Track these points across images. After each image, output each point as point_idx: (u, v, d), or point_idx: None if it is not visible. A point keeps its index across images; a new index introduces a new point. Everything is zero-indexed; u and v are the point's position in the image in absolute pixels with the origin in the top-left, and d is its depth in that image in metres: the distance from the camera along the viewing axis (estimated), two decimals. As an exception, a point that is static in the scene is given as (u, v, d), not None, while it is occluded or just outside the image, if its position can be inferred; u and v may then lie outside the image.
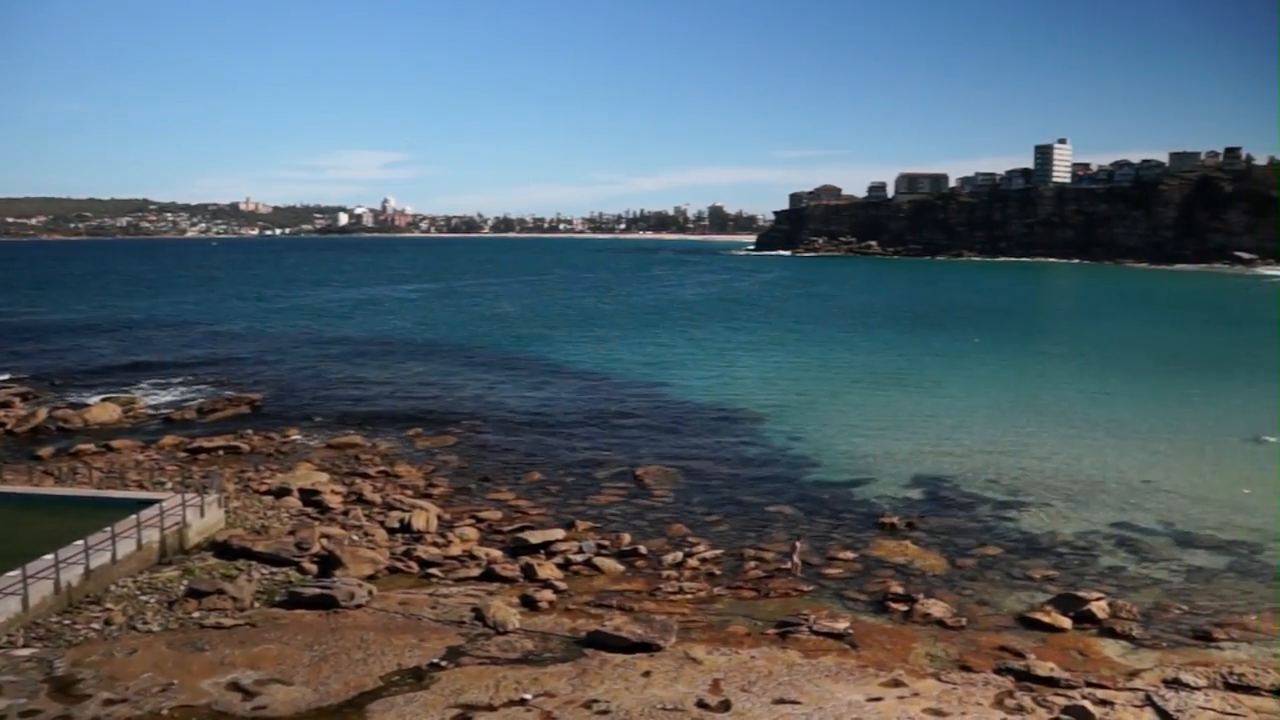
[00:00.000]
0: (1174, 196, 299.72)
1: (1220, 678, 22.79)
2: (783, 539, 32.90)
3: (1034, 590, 28.77)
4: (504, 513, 35.88)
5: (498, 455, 45.07)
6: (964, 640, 25.09)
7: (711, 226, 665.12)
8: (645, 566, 30.35)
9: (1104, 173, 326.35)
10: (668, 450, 46.02)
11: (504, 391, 62.24)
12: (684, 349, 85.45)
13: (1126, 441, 48.93)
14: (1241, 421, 53.24)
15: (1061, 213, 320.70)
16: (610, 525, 34.49)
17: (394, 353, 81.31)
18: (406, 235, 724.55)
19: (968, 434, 50.12)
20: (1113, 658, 24.53)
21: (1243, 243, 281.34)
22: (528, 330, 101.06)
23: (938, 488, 40.04)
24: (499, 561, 30.07)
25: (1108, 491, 39.64)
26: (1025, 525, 35.22)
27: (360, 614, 25.44)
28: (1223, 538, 33.91)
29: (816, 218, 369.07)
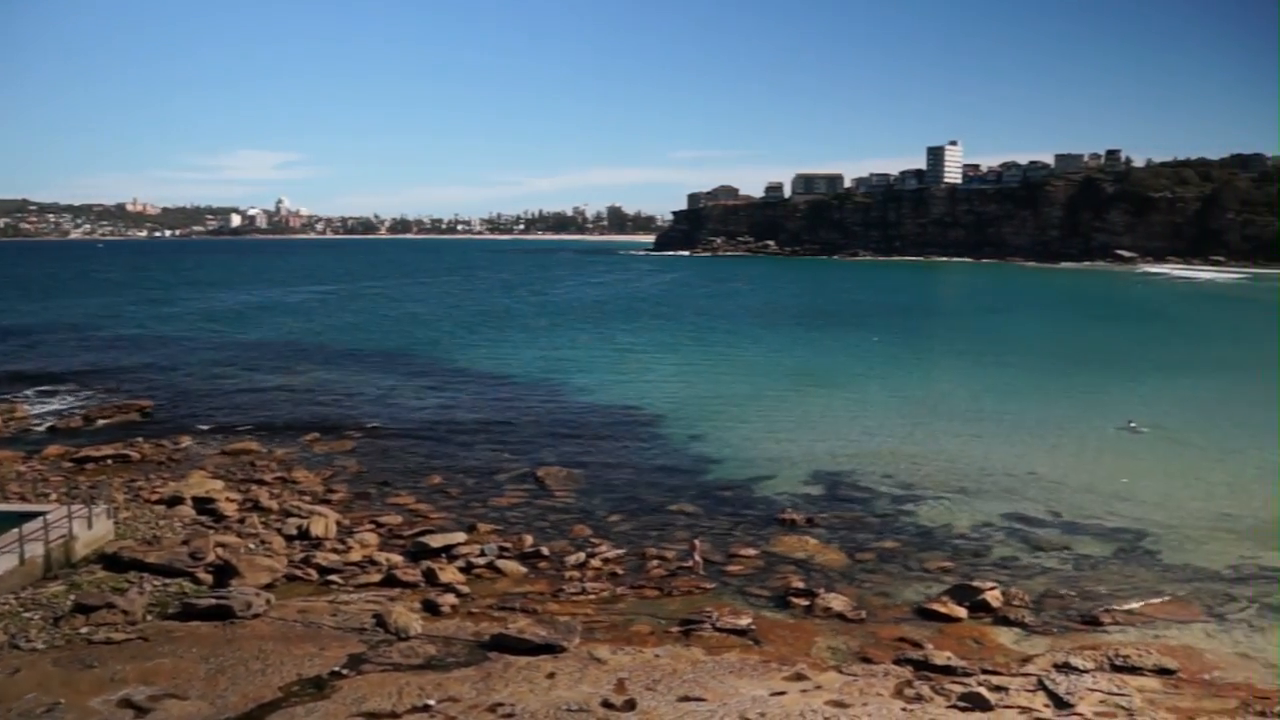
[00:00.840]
0: (1059, 197, 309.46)
1: (1107, 660, 23.65)
2: (685, 538, 33.09)
3: (931, 582, 29.43)
4: (404, 517, 35.44)
5: (397, 459, 44.52)
6: (864, 633, 25.55)
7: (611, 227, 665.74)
8: (548, 568, 30.28)
9: (993, 174, 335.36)
10: (569, 451, 45.98)
11: (403, 395, 61.52)
12: (585, 350, 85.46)
13: (1015, 435, 50.38)
14: (1118, 412, 55.32)
15: (953, 212, 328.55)
16: (512, 527, 34.32)
17: (290, 357, 79.75)
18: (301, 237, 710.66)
19: (865, 430, 51.03)
20: (1006, 645, 25.23)
21: (1123, 242, 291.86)
22: (427, 333, 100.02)
23: (836, 483, 40.68)
24: (400, 566, 29.71)
25: (999, 484, 40.75)
26: (921, 519, 36.00)
27: (258, 624, 24.90)
28: (1107, 526, 35.12)
29: (715, 218, 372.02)
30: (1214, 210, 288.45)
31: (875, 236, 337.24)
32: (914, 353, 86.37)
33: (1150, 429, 51.51)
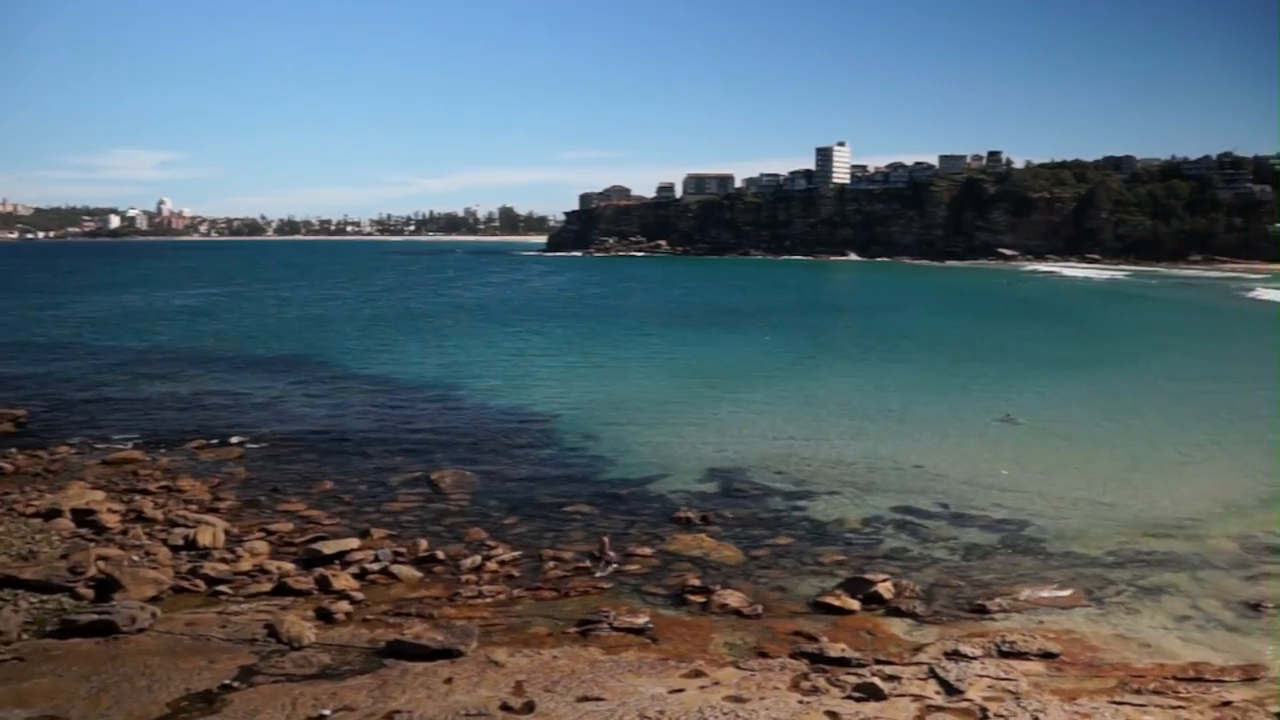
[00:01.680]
0: (944, 197, 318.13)
1: (994, 646, 24.38)
2: (581, 538, 33.11)
3: (825, 576, 29.91)
4: (296, 524, 34.71)
5: (288, 465, 43.59)
6: (760, 627, 25.86)
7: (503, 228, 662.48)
8: (444, 572, 29.98)
9: (880, 174, 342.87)
10: (463, 454, 45.60)
11: (293, 399, 60.29)
12: (479, 352, 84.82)
13: (903, 430, 51.53)
14: (1000, 406, 57.06)
15: (842, 212, 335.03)
16: (407, 532, 33.88)
17: (176, 362, 77.46)
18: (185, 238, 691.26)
19: (758, 428, 51.64)
20: (899, 635, 25.79)
21: (1004, 240, 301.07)
22: (317, 336, 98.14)
23: (731, 481, 41.08)
24: (292, 575, 29.10)
25: (888, 478, 41.59)
26: (815, 514, 36.56)
27: (143, 638, 24.16)
28: (993, 517, 36.12)
29: (607, 218, 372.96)
30: (1089, 210, 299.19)
31: (766, 236, 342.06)
32: (805, 351, 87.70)
33: (1029, 422, 53.22)
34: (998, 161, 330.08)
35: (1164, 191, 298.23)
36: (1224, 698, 22.14)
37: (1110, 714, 20.91)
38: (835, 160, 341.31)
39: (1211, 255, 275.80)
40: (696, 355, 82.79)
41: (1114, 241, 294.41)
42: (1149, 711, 21.15)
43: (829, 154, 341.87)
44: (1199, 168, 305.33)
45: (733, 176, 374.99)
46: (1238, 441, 49.79)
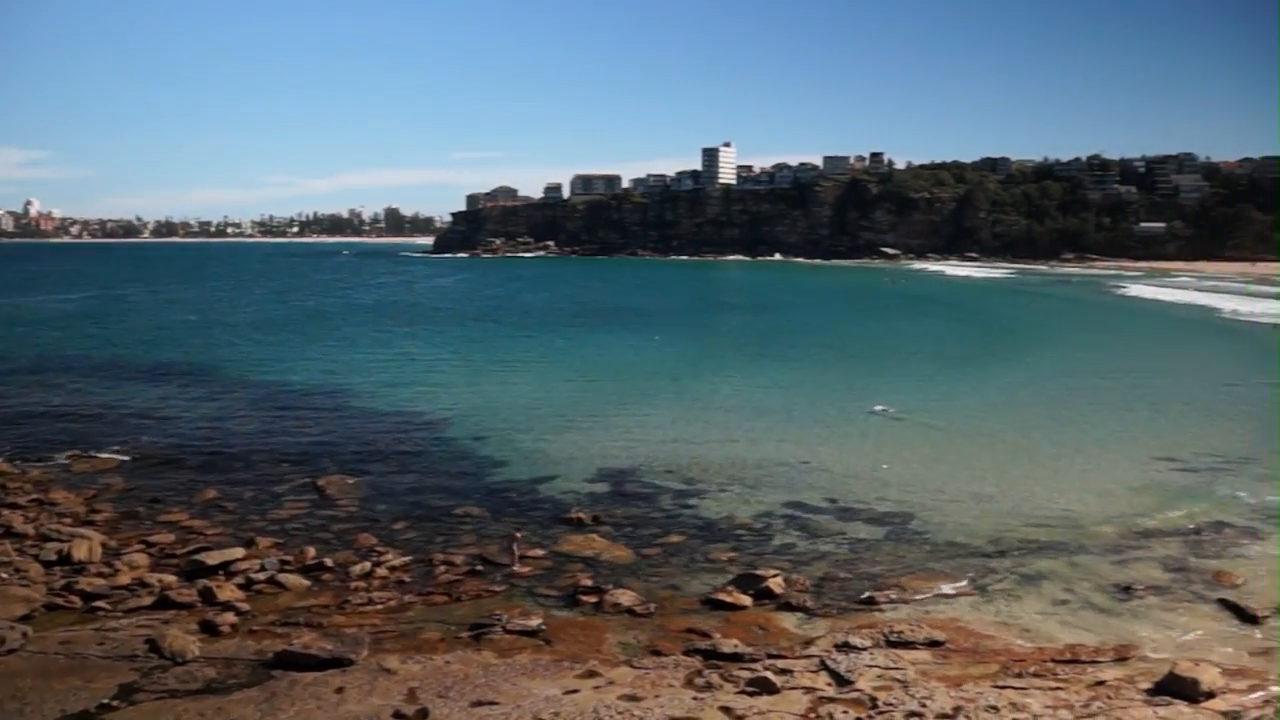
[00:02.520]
0: (828, 197, 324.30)
1: (882, 637, 24.95)
2: (471, 542, 32.87)
3: (716, 572, 30.17)
4: (177, 535, 33.70)
5: (168, 474, 42.26)
6: (653, 626, 25.99)
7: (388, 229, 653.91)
8: (333, 580, 29.43)
9: (766, 174, 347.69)
10: (351, 458, 44.84)
11: (174, 407, 58.48)
12: (365, 355, 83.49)
13: (789, 426, 52.31)
14: (879, 400, 58.53)
15: (728, 212, 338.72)
16: (294, 540, 33.17)
17: (47, 370, 74.38)
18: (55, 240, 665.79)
19: (647, 427, 51.84)
20: (790, 629, 26.17)
21: (887, 239, 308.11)
22: (196, 340, 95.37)
23: (621, 481, 41.17)
24: (174, 587, 28.24)
25: (776, 474, 42.15)
26: (704, 512, 36.86)
27: (13, 660, 23.18)
28: (878, 510, 36.90)
29: (494, 219, 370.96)
30: (968, 210, 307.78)
31: (653, 236, 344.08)
32: (693, 350, 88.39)
33: (911, 416, 54.61)
34: (880, 162, 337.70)
35: (1038, 192, 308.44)
36: (1098, 677, 23.03)
37: (993, 697, 21.53)
38: (721, 161, 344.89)
39: (1083, 253, 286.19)
40: (586, 356, 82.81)
41: (992, 240, 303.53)
42: (1029, 693, 21.85)
43: (715, 154, 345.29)
44: (1070, 169, 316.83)
45: (620, 177, 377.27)
46: (1111, 432, 51.76)
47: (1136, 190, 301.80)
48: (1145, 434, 50.98)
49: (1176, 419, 55.25)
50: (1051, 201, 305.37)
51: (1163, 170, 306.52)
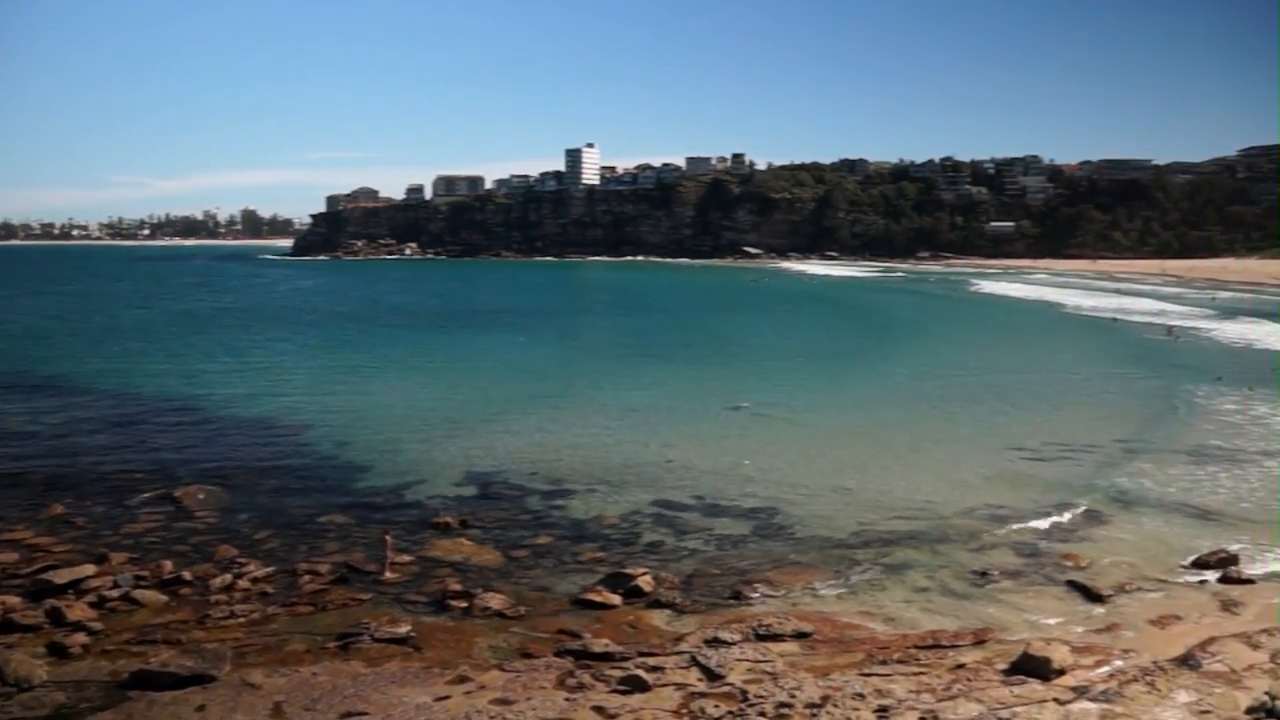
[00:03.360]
0: (691, 198, 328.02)
1: (751, 631, 25.33)
2: (336, 549, 32.22)
3: (585, 573, 30.21)
4: (21, 554, 32.03)
5: (10, 490, 40.17)
6: (524, 628, 25.88)
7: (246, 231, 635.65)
8: (192, 594, 28.46)
9: (629, 175, 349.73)
10: (209, 468, 43.41)
11: (15, 419, 55.59)
12: (222, 361, 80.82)
13: (653, 424, 52.66)
14: (736, 396, 59.67)
15: (592, 213, 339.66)
16: (149, 554, 31.95)
17: None
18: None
19: (514, 429, 51.55)
20: (660, 626, 26.37)
21: (749, 239, 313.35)
22: (39, 350, 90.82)
23: (488, 483, 40.86)
24: (18, 609, 26.87)
25: (642, 473, 42.40)
26: (573, 512, 36.86)
27: None
28: (744, 506, 37.45)
29: (355, 220, 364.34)
30: (827, 210, 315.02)
31: (517, 237, 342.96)
32: (558, 351, 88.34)
33: (769, 410, 55.74)
34: (741, 163, 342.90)
35: (894, 193, 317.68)
36: (959, 660, 23.87)
37: (859, 685, 22.10)
38: (585, 161, 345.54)
39: (937, 251, 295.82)
40: (451, 359, 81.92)
41: (851, 239, 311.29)
42: (894, 680, 22.51)
43: (578, 155, 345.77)
44: (925, 170, 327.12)
45: (483, 178, 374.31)
46: (965, 425, 53.61)
47: (987, 191, 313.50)
48: (997, 426, 52.97)
49: (1025, 410, 57.53)
50: (907, 202, 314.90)
51: (1010, 172, 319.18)
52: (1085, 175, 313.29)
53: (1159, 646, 24.78)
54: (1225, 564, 30.65)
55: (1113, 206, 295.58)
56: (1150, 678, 22.60)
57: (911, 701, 21.37)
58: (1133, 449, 47.12)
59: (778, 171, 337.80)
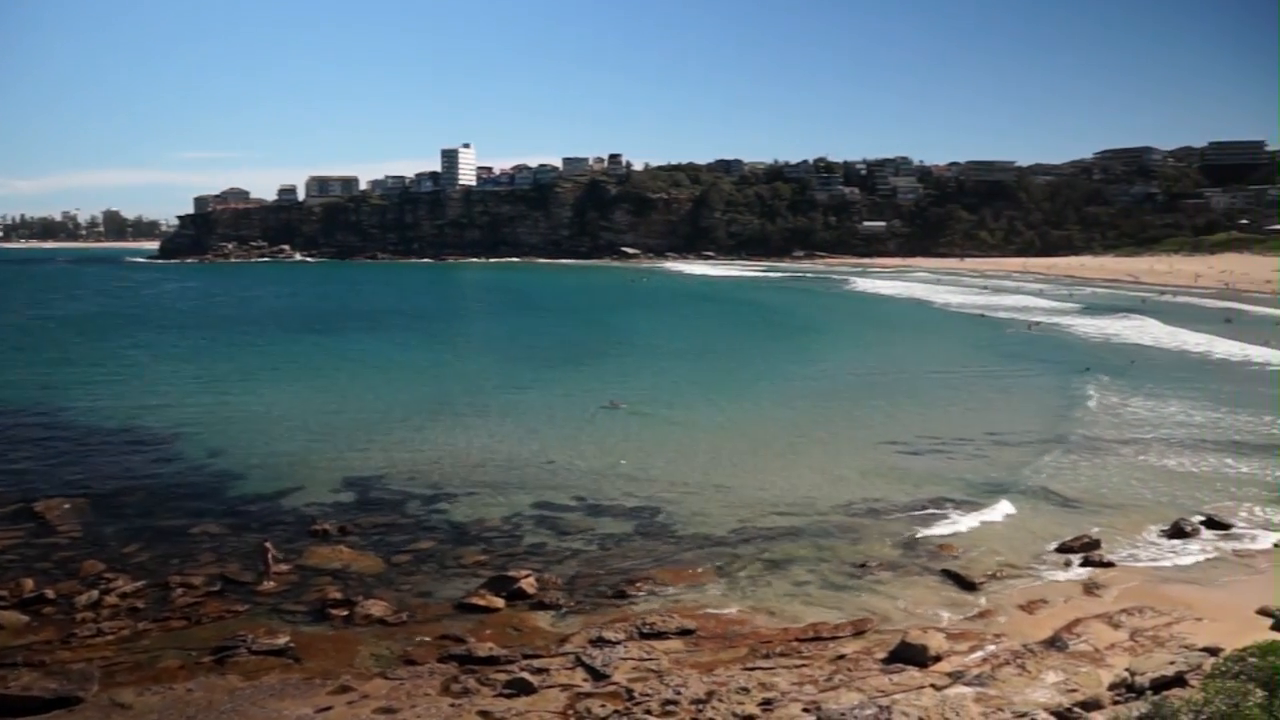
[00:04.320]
0: (568, 198, 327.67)
1: (636, 629, 25.45)
2: (211, 560, 31.32)
3: (468, 577, 29.95)
4: None
5: None
6: (406, 635, 25.54)
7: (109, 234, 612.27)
8: (55, 613, 27.29)
9: (506, 176, 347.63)
10: (72, 480, 41.68)
11: None
12: (85, 367, 77.63)
13: (532, 426, 52.51)
14: (613, 395, 59.97)
15: (469, 214, 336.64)
16: (8, 572, 30.52)
17: None
18: None
19: (393, 432, 50.80)
20: (544, 628, 26.30)
21: (627, 239, 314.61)
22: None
23: (367, 489, 40.21)
24: None
25: (523, 475, 42.22)
26: (454, 516, 36.50)
27: None
28: (626, 505, 37.59)
29: (225, 222, 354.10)
30: (704, 210, 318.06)
31: (393, 239, 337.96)
32: (436, 353, 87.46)
33: (649, 409, 56.21)
34: (619, 164, 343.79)
35: (769, 193, 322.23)
36: (839, 651, 24.40)
37: (744, 679, 22.39)
38: (461, 162, 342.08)
39: (812, 250, 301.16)
40: (326, 362, 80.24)
41: (727, 239, 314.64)
42: (776, 673, 22.88)
43: (454, 156, 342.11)
44: (799, 171, 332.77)
45: (358, 178, 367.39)
46: (842, 420, 54.72)
47: (859, 191, 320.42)
48: (873, 421, 54.20)
49: (899, 406, 58.97)
50: (782, 202, 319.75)
51: (881, 172, 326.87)
52: (953, 176, 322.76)
53: (1028, 630, 25.72)
54: (1088, 549, 31.94)
55: (979, 206, 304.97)
56: (1021, 660, 23.47)
57: (795, 693, 21.75)
58: (1002, 441, 48.71)
59: (655, 172, 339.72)
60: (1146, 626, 25.58)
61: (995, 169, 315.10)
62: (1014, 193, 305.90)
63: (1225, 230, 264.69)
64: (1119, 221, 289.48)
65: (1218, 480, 41.29)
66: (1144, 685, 21.14)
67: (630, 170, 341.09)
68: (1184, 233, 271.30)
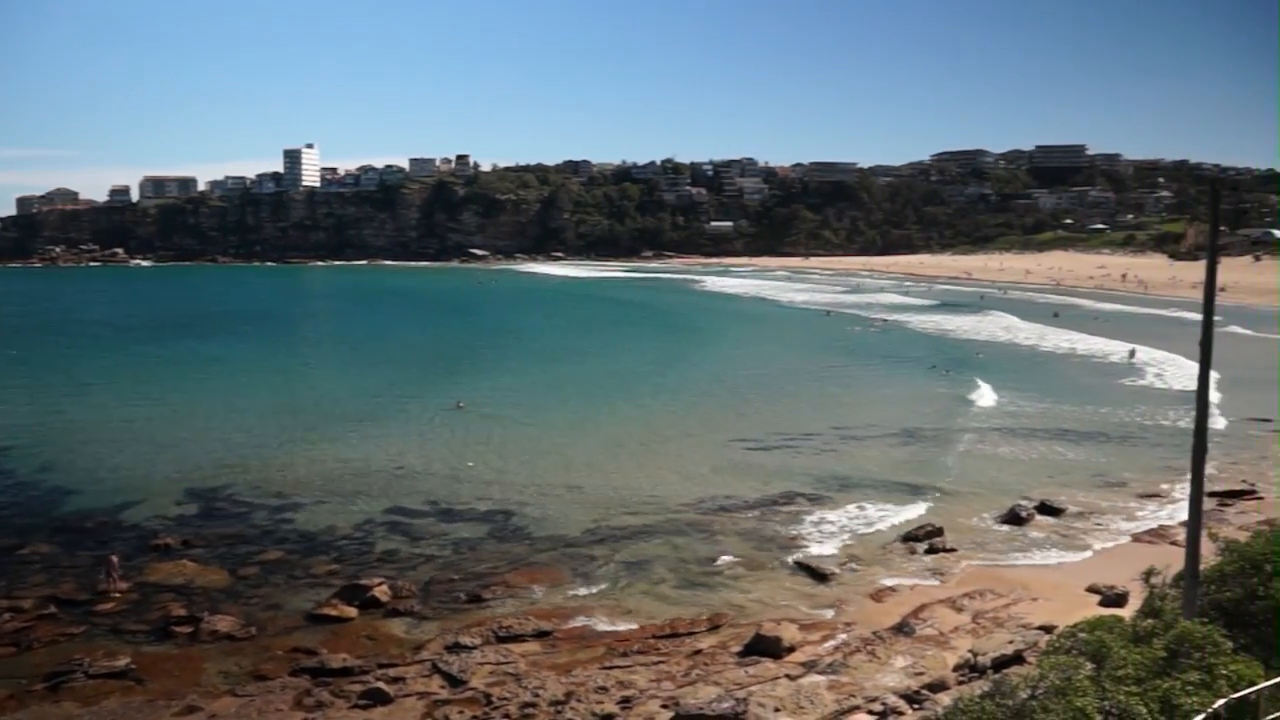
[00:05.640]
0: (415, 199, 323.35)
1: (492, 633, 25.33)
2: (43, 581, 29.80)
3: (319, 587, 29.25)
4: None
5: None
6: (256, 649, 24.80)
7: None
8: None
9: (351, 177, 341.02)
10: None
11: None
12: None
13: (379, 430, 51.60)
14: (459, 397, 59.69)
15: (314, 215, 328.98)
16: None
17: None
18: None
19: (234, 442, 49.13)
20: (400, 635, 25.90)
21: (475, 241, 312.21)
22: None
23: (211, 500, 38.88)
24: None
25: (373, 481, 41.47)
26: (303, 525, 35.59)
27: None
28: (479, 509, 37.33)
29: (52, 224, 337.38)
30: (552, 211, 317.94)
31: (235, 241, 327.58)
32: (277, 358, 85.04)
33: (497, 411, 56.27)
34: (466, 165, 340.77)
35: (618, 194, 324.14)
36: (696, 646, 24.74)
37: (602, 679, 22.51)
38: (304, 162, 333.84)
39: (660, 250, 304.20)
40: (163, 369, 76.96)
41: (576, 240, 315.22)
42: (635, 670, 23.07)
43: (297, 156, 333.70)
44: (646, 172, 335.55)
45: (195, 179, 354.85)
46: (694, 417, 55.37)
47: (706, 192, 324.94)
48: (724, 419, 55.05)
49: (749, 403, 60.13)
50: (631, 202, 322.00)
51: (728, 173, 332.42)
52: (798, 177, 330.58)
53: (877, 617, 26.55)
54: (932, 536, 33.11)
55: (823, 206, 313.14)
56: (871, 647, 24.25)
57: (653, 690, 21.96)
58: (849, 435, 50.07)
59: (503, 173, 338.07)
60: (987, 609, 26.70)
61: (838, 170, 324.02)
62: (856, 193, 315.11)
63: (1052, 230, 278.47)
64: (955, 221, 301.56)
65: (1049, 467, 43.44)
66: (986, 665, 22.10)
67: (478, 171, 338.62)
68: (1015, 232, 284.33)
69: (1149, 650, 13.15)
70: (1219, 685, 12.34)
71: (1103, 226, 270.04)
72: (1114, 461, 44.44)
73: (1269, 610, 15.07)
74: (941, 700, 19.87)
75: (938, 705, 19.45)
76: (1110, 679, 12.41)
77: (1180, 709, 11.88)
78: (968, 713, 12.35)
